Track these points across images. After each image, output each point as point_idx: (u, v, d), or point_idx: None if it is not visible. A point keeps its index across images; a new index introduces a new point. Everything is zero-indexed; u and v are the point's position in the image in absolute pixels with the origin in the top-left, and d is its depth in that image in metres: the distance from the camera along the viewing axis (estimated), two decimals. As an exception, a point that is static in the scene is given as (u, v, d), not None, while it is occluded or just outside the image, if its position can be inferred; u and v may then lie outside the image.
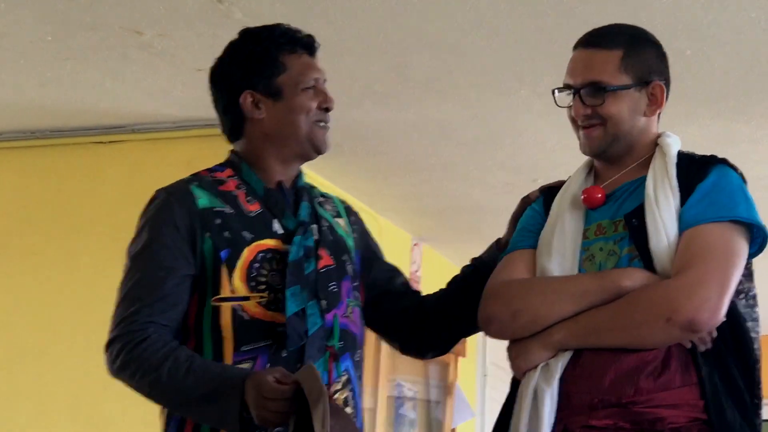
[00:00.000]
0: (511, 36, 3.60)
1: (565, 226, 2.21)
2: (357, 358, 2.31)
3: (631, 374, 2.05)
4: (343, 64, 3.84)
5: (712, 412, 2.02)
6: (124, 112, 4.37)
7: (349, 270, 2.34)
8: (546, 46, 3.66)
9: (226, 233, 2.20)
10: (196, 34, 3.59)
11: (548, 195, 2.34)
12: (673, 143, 2.22)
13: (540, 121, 4.30)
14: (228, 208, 2.24)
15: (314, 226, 2.31)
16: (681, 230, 2.09)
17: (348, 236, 2.40)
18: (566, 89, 2.24)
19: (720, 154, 2.24)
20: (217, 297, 2.18)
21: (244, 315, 2.17)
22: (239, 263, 2.19)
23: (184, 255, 2.18)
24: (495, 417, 2.22)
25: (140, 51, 3.77)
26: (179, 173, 2.36)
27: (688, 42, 3.53)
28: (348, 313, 2.29)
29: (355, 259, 2.39)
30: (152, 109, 4.32)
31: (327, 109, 2.32)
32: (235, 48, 2.34)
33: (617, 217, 2.18)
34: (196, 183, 2.27)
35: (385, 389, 5.61)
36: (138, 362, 2.10)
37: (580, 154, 2.30)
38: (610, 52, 2.20)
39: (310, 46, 2.34)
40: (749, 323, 2.13)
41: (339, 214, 2.43)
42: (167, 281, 2.16)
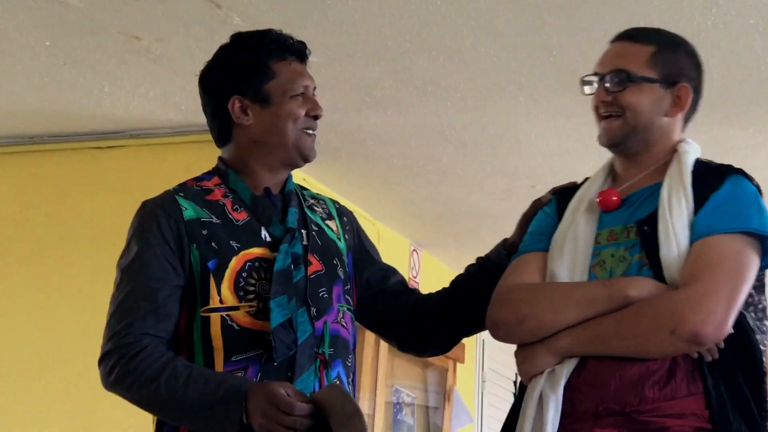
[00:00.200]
0: (510, 41, 3.60)
1: (578, 230, 2.20)
2: (349, 363, 2.29)
3: (636, 383, 2.04)
4: (341, 69, 3.84)
5: (717, 423, 2.01)
6: (122, 117, 4.36)
7: (340, 274, 2.32)
8: (545, 51, 3.65)
9: (213, 244, 2.19)
10: (195, 40, 3.59)
11: (561, 197, 2.33)
12: (692, 150, 2.21)
13: (539, 126, 4.29)
14: (215, 218, 2.23)
15: (303, 232, 2.29)
16: (692, 240, 2.08)
17: (339, 239, 2.38)
18: (593, 77, 2.25)
19: (717, 160, 2.24)
20: (206, 308, 2.17)
21: (234, 325, 2.16)
22: (227, 273, 2.18)
23: (173, 266, 2.18)
24: (493, 423, 2.22)
25: (138, 56, 3.77)
26: (177, 178, 2.36)
27: (687, 48, 3.52)
28: (339, 318, 2.27)
29: (347, 262, 2.37)
30: (150, 114, 4.31)
31: (315, 116, 2.30)
32: (225, 53, 2.33)
33: (630, 223, 2.16)
34: (182, 194, 2.26)
35: (383, 395, 5.59)
36: (135, 375, 2.09)
37: (578, 161, 2.30)
38: (642, 46, 2.22)
39: (301, 53, 2.32)
40: (758, 336, 2.10)
41: (330, 216, 2.41)
42: (159, 292, 2.15)
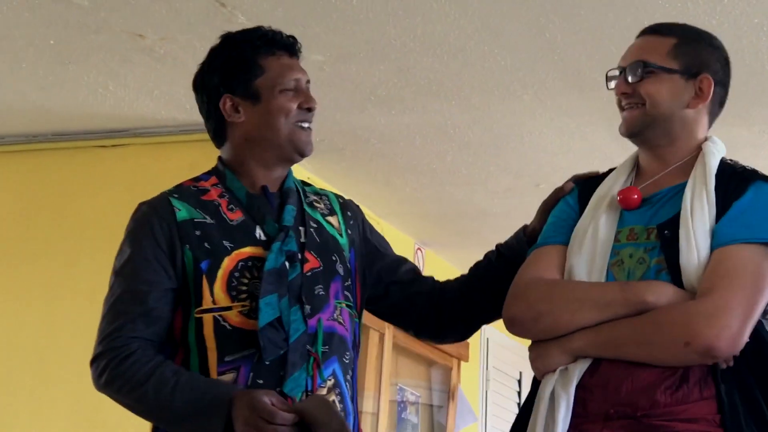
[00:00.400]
0: (515, 41, 3.60)
1: (599, 226, 2.18)
2: (346, 360, 2.27)
3: (648, 388, 2.03)
4: (345, 68, 3.83)
5: (729, 428, 1.99)
6: (126, 115, 4.36)
7: (340, 270, 2.31)
8: (549, 51, 3.65)
9: (206, 244, 2.19)
10: (199, 38, 3.58)
11: (583, 187, 2.31)
12: (717, 151, 2.20)
13: (543, 125, 4.29)
14: (208, 219, 2.23)
15: (301, 229, 2.28)
16: (713, 248, 2.05)
17: (340, 234, 2.36)
18: (616, 71, 2.24)
19: (721, 159, 2.23)
20: (200, 309, 2.17)
21: (226, 325, 2.16)
22: (219, 273, 2.18)
23: (165, 269, 2.18)
24: (497, 421, 2.22)
25: (142, 55, 3.77)
26: (182, 177, 2.36)
27: (692, 46, 3.52)
28: (335, 315, 2.26)
29: (349, 258, 2.36)
30: (154, 112, 4.31)
31: (309, 109, 2.29)
32: (214, 53, 2.33)
33: (651, 224, 2.14)
34: (176, 195, 2.26)
35: (387, 393, 5.59)
36: (123, 378, 2.11)
37: (583, 159, 2.30)
38: (664, 38, 2.21)
39: (290, 47, 2.31)
40: None
41: (332, 212, 2.39)
42: (150, 296, 2.16)
